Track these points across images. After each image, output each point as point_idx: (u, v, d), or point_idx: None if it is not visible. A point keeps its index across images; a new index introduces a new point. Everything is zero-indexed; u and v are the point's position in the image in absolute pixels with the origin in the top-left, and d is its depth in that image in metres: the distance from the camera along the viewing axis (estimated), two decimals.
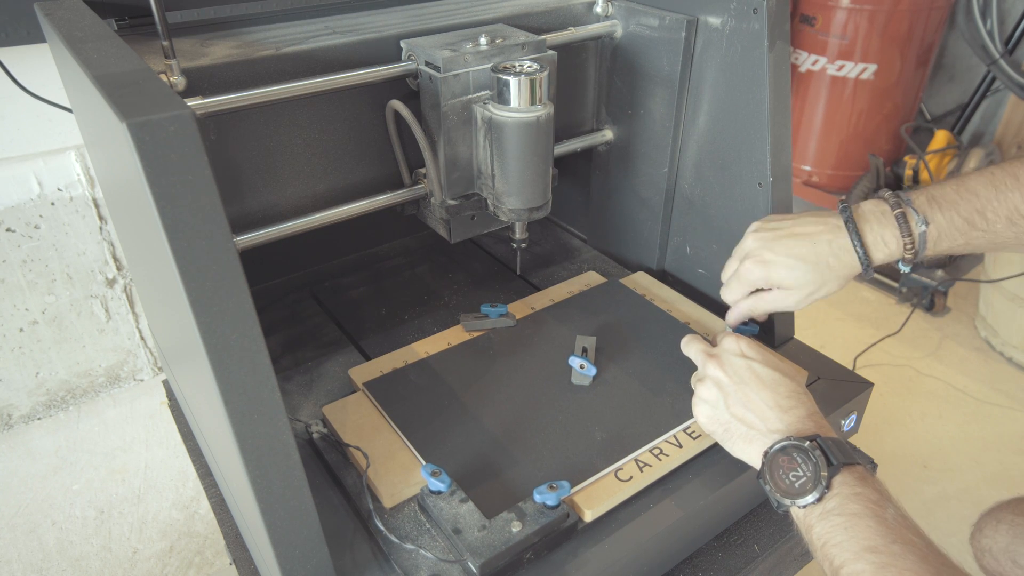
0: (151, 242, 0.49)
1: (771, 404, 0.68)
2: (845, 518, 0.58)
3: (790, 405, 0.67)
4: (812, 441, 0.63)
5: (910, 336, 1.86)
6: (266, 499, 0.53)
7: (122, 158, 0.46)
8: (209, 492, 0.86)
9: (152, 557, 1.32)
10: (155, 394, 1.68)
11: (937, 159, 2.05)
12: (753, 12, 0.82)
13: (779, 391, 0.68)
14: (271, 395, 0.50)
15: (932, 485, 1.45)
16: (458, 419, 0.77)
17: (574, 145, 1.03)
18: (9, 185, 1.39)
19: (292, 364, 0.91)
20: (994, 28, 2.03)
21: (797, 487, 0.62)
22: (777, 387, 0.69)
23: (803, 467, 0.62)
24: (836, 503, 0.60)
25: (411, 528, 0.67)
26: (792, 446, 0.63)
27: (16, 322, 1.50)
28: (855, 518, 0.58)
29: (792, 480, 0.62)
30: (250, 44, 0.78)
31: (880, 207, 0.72)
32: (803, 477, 0.62)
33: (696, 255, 1.02)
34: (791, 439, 0.64)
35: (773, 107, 0.84)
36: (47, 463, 1.51)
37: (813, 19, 2.12)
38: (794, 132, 2.31)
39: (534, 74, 0.77)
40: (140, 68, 0.52)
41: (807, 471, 0.62)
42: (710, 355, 0.74)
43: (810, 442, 0.63)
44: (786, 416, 0.67)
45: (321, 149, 0.84)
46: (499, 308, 0.92)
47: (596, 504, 0.68)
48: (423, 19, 0.88)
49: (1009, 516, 0.84)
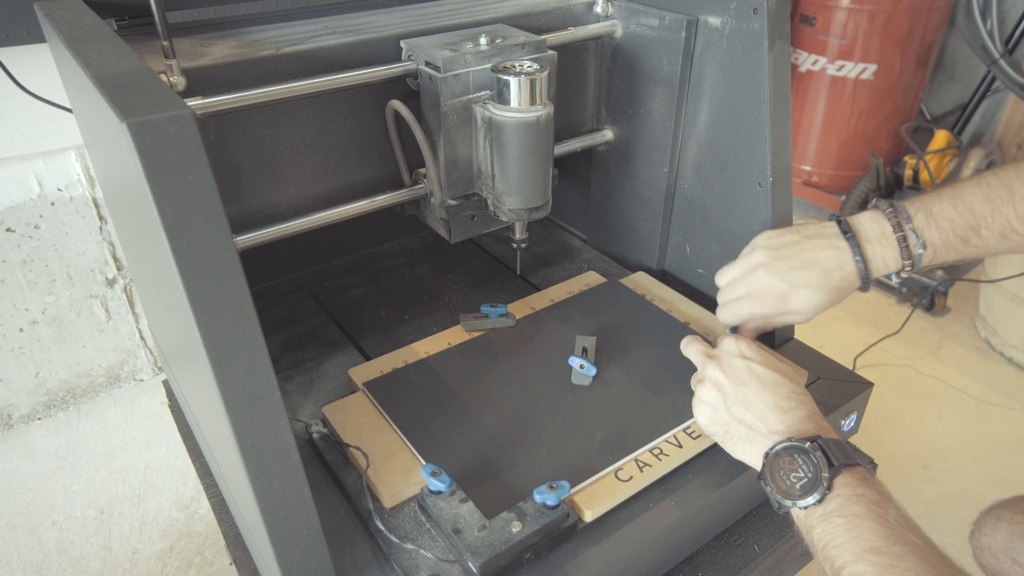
0: (151, 242, 0.49)
1: (771, 405, 0.67)
2: (846, 519, 0.58)
3: (790, 406, 0.67)
4: (813, 442, 0.63)
5: (910, 336, 1.86)
6: (266, 499, 0.53)
7: (122, 158, 0.46)
8: (209, 492, 0.86)
9: (152, 557, 1.32)
10: (155, 394, 1.68)
11: (937, 159, 2.05)
12: (753, 12, 0.82)
13: (779, 392, 0.68)
14: (271, 395, 0.50)
15: (932, 485, 1.45)
16: (458, 419, 0.77)
17: (574, 145, 1.03)
18: (9, 185, 1.39)
19: (292, 364, 0.91)
20: (994, 28, 2.03)
21: (798, 488, 0.62)
22: (777, 388, 0.69)
23: (804, 468, 0.62)
24: (837, 504, 0.59)
25: (411, 528, 0.67)
26: (793, 447, 0.63)
27: (16, 322, 1.50)
28: (856, 519, 0.58)
29: (793, 481, 0.62)
30: (250, 44, 0.78)
31: (881, 226, 0.72)
32: (804, 478, 0.62)
33: (696, 255, 1.02)
34: (792, 440, 0.64)
35: (773, 107, 0.84)
36: (47, 463, 1.51)
37: (813, 19, 2.12)
38: (794, 132, 2.31)
39: (534, 74, 0.77)
40: (140, 68, 0.52)
41: (808, 472, 0.62)
42: (709, 356, 0.74)
43: (811, 443, 0.63)
44: (786, 417, 0.67)
45: (321, 149, 0.84)
46: (499, 308, 0.92)
47: (596, 504, 0.68)
48: (423, 19, 0.88)
49: (1008, 514, 0.84)
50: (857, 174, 2.19)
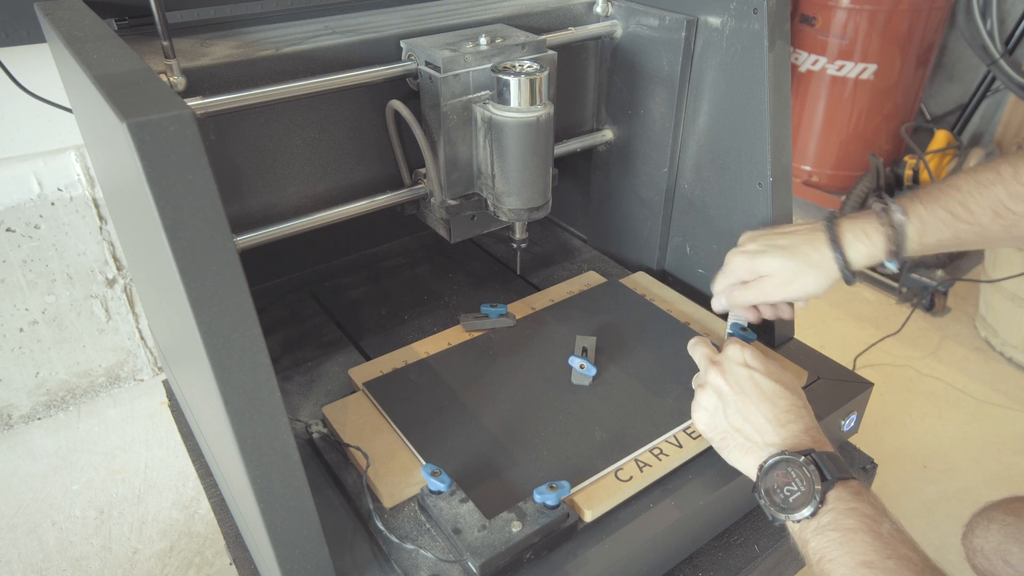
0: (151, 242, 0.49)
1: (769, 417, 0.67)
2: (840, 533, 0.58)
3: (788, 419, 0.67)
4: (807, 456, 0.63)
5: (910, 336, 1.86)
6: (266, 499, 0.53)
7: (122, 158, 0.47)
8: (209, 492, 0.86)
9: (152, 557, 1.32)
10: (155, 394, 1.68)
11: (937, 159, 2.05)
12: (753, 12, 0.82)
13: (778, 404, 0.68)
14: (271, 395, 0.50)
15: (932, 485, 1.45)
16: (458, 419, 0.77)
17: (574, 145, 1.03)
18: (9, 185, 1.39)
19: (292, 364, 0.91)
20: (994, 28, 2.03)
21: (791, 502, 0.62)
22: (777, 400, 0.68)
23: (797, 482, 0.62)
24: (831, 518, 0.59)
25: (411, 528, 0.67)
26: (786, 460, 0.63)
27: (16, 322, 1.50)
28: (850, 533, 0.58)
29: (787, 495, 0.62)
30: (250, 44, 0.78)
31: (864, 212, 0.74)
32: (797, 492, 0.62)
33: (696, 255, 1.02)
34: (785, 453, 0.64)
35: (773, 107, 0.84)
36: (47, 463, 1.51)
37: (813, 19, 2.12)
38: (794, 132, 2.31)
39: (534, 74, 0.77)
40: (140, 68, 0.52)
41: (801, 486, 0.62)
42: (713, 362, 0.73)
43: (804, 457, 0.63)
44: (783, 430, 0.66)
45: (321, 149, 0.84)
46: (499, 308, 0.92)
47: (596, 504, 0.68)
48: (423, 19, 0.88)
49: (1000, 516, 0.84)
50: (857, 174, 2.19)
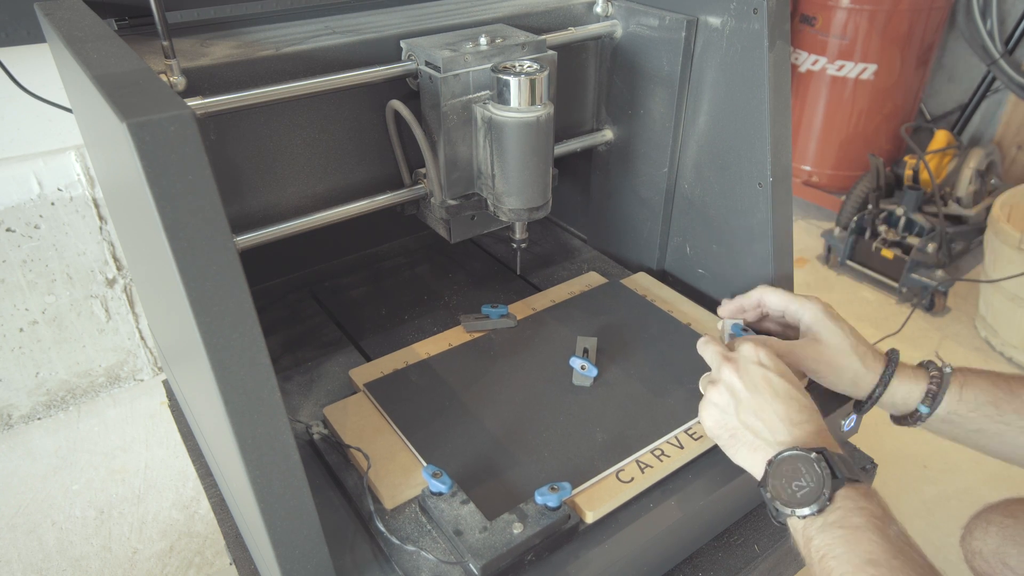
0: (151, 242, 0.49)
1: (782, 416, 0.67)
2: (847, 531, 0.58)
3: (801, 419, 0.67)
4: (818, 453, 0.63)
5: (910, 336, 1.86)
6: (266, 499, 0.53)
7: (122, 158, 0.46)
8: (209, 492, 0.86)
9: (152, 557, 1.32)
10: (155, 394, 1.68)
11: (937, 159, 2.05)
12: (753, 12, 0.82)
13: (791, 405, 0.68)
14: (271, 395, 0.50)
15: (932, 485, 1.45)
16: (459, 420, 0.77)
17: (574, 145, 1.03)
18: (9, 185, 1.39)
19: (292, 364, 0.91)
20: (994, 28, 2.04)
21: (799, 496, 0.62)
22: (790, 401, 0.68)
23: (807, 477, 0.62)
24: (838, 516, 0.59)
25: (412, 529, 0.67)
26: (797, 456, 0.63)
27: (16, 322, 1.50)
28: (857, 531, 0.57)
29: (795, 489, 0.62)
30: (250, 44, 0.78)
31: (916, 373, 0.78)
32: (806, 487, 0.61)
33: (696, 255, 1.01)
34: (798, 449, 0.64)
35: (773, 107, 0.84)
36: (47, 463, 1.51)
37: (813, 19, 2.12)
38: (794, 132, 2.31)
39: (534, 74, 0.76)
40: (140, 68, 0.52)
41: (810, 481, 0.61)
42: (727, 359, 0.73)
43: (816, 453, 0.63)
44: (796, 430, 0.66)
45: (321, 149, 0.84)
46: (500, 309, 0.92)
47: (597, 505, 0.68)
48: (423, 19, 0.88)
49: (998, 518, 0.84)
50: (857, 174, 2.19)
